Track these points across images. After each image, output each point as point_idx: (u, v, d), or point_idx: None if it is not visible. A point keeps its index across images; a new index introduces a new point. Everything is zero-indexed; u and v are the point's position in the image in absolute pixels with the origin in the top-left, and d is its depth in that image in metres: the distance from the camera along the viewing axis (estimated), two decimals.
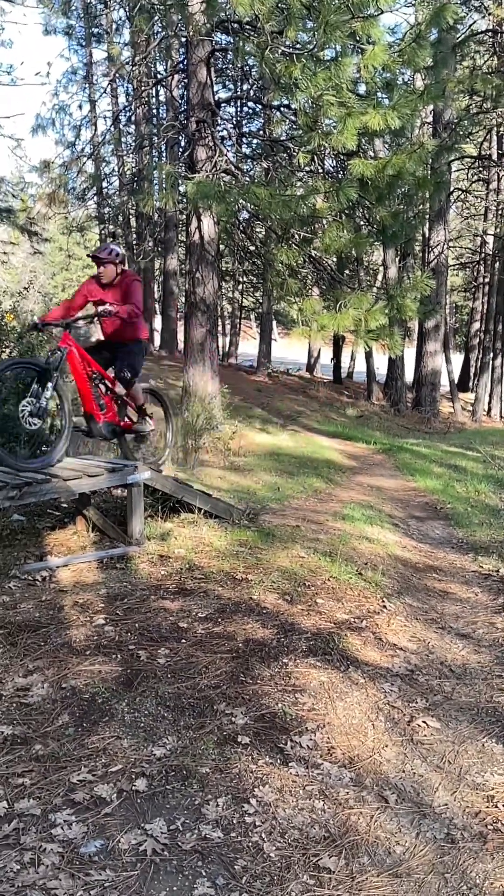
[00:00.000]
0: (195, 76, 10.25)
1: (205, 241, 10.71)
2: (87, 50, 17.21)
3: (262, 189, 9.12)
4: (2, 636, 3.89)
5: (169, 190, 10.14)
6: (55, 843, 2.38)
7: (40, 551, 5.39)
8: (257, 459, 10.40)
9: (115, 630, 4.08)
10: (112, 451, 8.23)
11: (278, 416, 15.23)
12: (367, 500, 8.33)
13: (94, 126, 15.76)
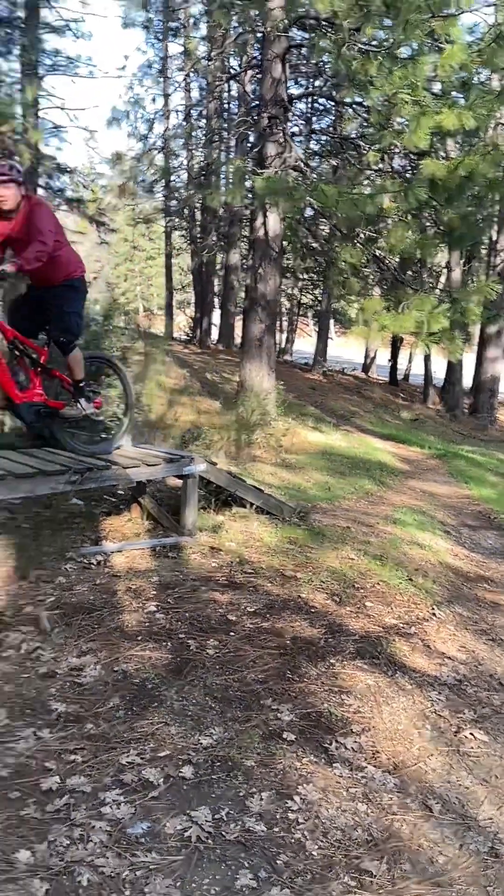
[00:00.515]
0: (269, 72, 10.26)
1: (269, 237, 10.73)
2: (164, 44, 17.40)
3: (330, 187, 9.09)
4: (58, 616, 4.00)
5: (237, 185, 10.18)
6: (104, 821, 2.45)
7: (96, 535, 5.51)
8: (309, 458, 10.39)
9: (165, 618, 4.15)
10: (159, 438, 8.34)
11: (332, 416, 15.16)
12: (419, 506, 8.24)
13: (167, 119, 15.94)
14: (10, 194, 4.29)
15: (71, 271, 4.62)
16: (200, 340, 20.89)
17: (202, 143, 16.89)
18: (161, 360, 14.14)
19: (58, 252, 4.47)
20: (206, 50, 13.81)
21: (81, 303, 4.82)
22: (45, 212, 4.43)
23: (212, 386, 14.57)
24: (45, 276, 4.52)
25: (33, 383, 4.70)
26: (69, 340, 4.70)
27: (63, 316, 4.64)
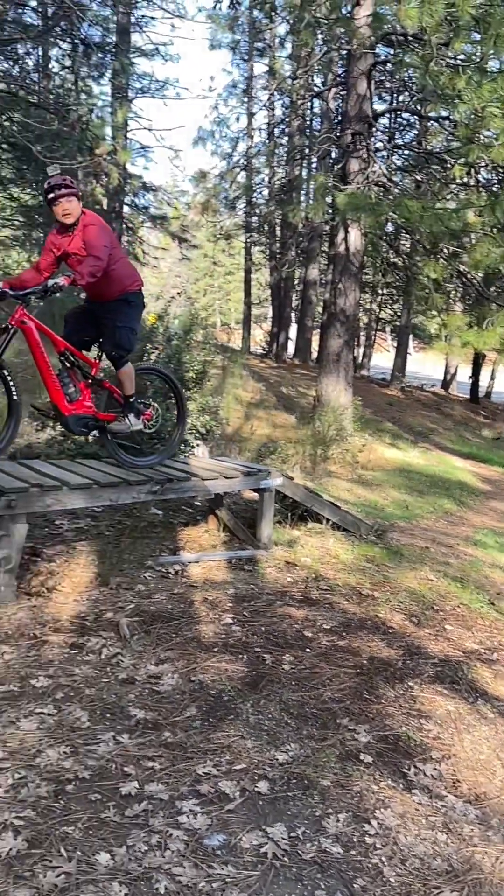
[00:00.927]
0: (354, 88, 10.28)
1: (350, 252, 10.71)
2: (249, 64, 17.72)
3: (414, 201, 9.01)
4: (137, 623, 4.07)
5: (319, 201, 10.22)
6: (181, 830, 2.47)
7: (174, 545, 5.59)
8: (386, 475, 10.25)
9: (241, 631, 4.17)
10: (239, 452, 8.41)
11: (409, 432, 14.91)
12: (500, 527, 7.99)
13: (250, 138, 16.18)
14: (72, 208, 4.28)
15: (127, 286, 4.59)
16: (277, 355, 20.99)
17: (284, 161, 17.06)
18: (238, 373, 14.29)
19: (112, 267, 4.43)
20: (290, 69, 13.98)
21: (136, 317, 4.76)
22: (101, 227, 4.39)
23: (287, 400, 14.60)
24: (99, 292, 4.50)
25: (83, 395, 4.66)
26: (120, 355, 4.65)
27: (116, 330, 4.59)
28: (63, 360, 4.59)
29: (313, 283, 20.70)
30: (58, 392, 4.50)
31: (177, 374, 7.25)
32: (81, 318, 4.72)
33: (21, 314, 4.21)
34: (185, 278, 36.11)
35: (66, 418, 4.57)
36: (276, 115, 18.16)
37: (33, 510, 4.42)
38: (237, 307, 35.90)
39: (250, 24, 15.85)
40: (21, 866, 2.22)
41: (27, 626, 3.94)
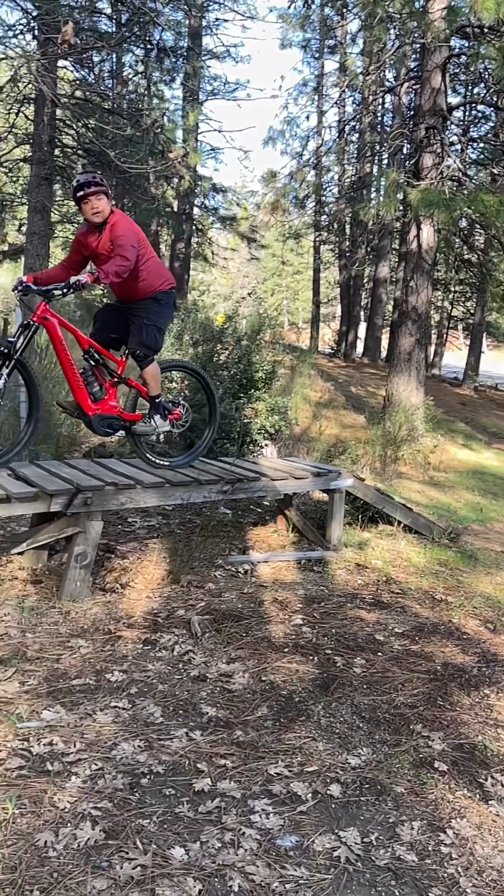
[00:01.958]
0: (428, 82, 10.09)
1: (422, 249, 10.52)
2: (320, 62, 17.66)
3: (490, 196, 8.78)
4: (208, 622, 4.12)
5: (391, 197, 10.08)
6: (253, 829, 2.48)
7: (243, 545, 5.62)
8: (458, 476, 10.03)
9: (312, 632, 4.15)
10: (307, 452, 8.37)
11: (483, 433, 14.54)
12: None
13: (320, 136, 16.11)
14: (102, 206, 4.17)
15: (157, 286, 4.47)
16: (345, 354, 20.82)
17: (355, 158, 16.90)
18: (306, 373, 14.25)
19: (141, 267, 4.32)
20: (362, 64, 13.83)
21: (165, 317, 4.61)
22: (129, 227, 4.26)
23: (356, 400, 14.46)
24: (129, 291, 4.43)
25: (108, 395, 4.54)
26: (146, 354, 4.52)
27: (143, 328, 4.46)
28: (87, 357, 4.46)
29: (383, 280, 20.44)
30: (81, 391, 4.40)
31: (246, 375, 7.30)
32: (111, 317, 4.64)
33: (43, 310, 4.13)
34: (253, 278, 36.25)
35: (90, 418, 4.45)
36: (346, 112, 18.01)
37: (108, 508, 4.53)
38: (305, 306, 35.80)
39: (322, 22, 15.77)
40: (98, 856, 2.28)
41: (102, 621, 4.04)
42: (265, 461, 6.13)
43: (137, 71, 15.43)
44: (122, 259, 4.12)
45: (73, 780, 2.63)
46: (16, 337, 4.09)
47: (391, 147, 12.63)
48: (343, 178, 17.84)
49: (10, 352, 4.05)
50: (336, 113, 18.75)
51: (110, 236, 4.21)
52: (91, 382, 4.43)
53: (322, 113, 17.67)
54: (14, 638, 3.68)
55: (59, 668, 3.45)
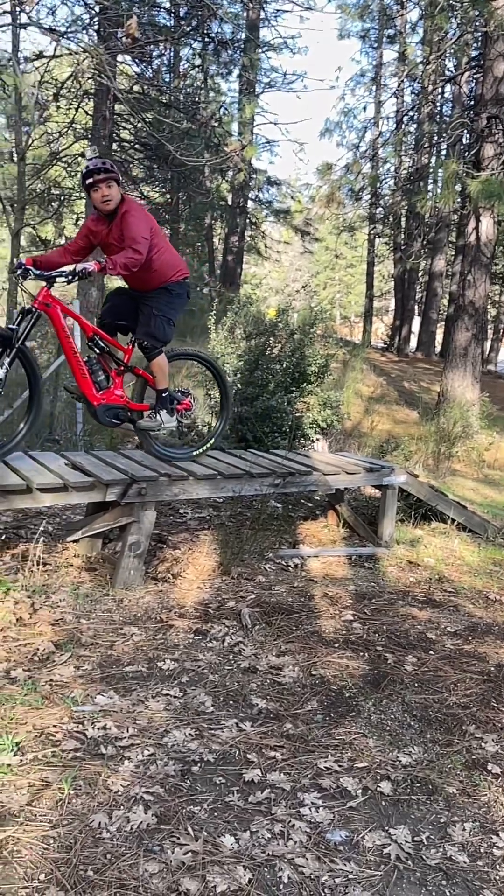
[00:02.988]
0: (490, 71, 9.85)
1: (481, 242, 10.30)
2: (378, 52, 17.40)
3: None
4: (258, 614, 4.13)
5: (449, 189, 9.88)
6: (303, 822, 2.48)
7: (293, 539, 5.62)
8: None
9: (362, 628, 4.13)
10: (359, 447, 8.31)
11: None
12: None
13: (377, 127, 15.90)
14: (113, 193, 4.02)
15: (170, 276, 4.31)
16: (398, 348, 20.55)
17: (412, 149, 16.63)
18: (359, 367, 14.13)
19: (153, 257, 4.16)
20: (422, 54, 13.58)
21: (176, 308, 4.43)
22: (141, 216, 4.08)
23: (409, 395, 14.28)
24: (140, 282, 4.30)
25: (114, 384, 4.39)
26: (153, 345, 4.35)
27: (152, 318, 4.30)
28: (92, 346, 4.32)
29: (439, 274, 20.09)
30: (85, 380, 4.24)
31: (298, 368, 7.27)
32: (122, 302, 4.47)
33: (45, 296, 3.96)
34: (305, 272, 36.08)
35: (95, 408, 4.31)
36: (405, 103, 17.73)
37: (162, 498, 4.58)
38: (358, 300, 35.47)
39: (381, 12, 15.55)
40: (151, 840, 2.32)
41: (154, 609, 4.09)
42: (317, 455, 6.11)
43: (194, 64, 15.50)
44: (133, 252, 3.97)
45: (126, 765, 2.68)
46: (17, 324, 3.91)
47: (450, 137, 12.38)
48: (400, 169, 17.59)
49: (12, 339, 3.86)
50: (394, 103, 18.49)
51: (121, 227, 4.04)
52: (96, 371, 4.30)
53: (380, 103, 17.44)
54: (69, 623, 3.76)
55: (113, 655, 3.52)
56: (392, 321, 23.23)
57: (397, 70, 16.08)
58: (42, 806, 2.43)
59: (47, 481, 4.04)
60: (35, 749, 2.71)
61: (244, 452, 5.67)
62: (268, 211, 19.16)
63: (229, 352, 7.27)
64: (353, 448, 8.50)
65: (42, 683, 3.16)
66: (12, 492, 3.93)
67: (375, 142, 14.14)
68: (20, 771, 2.58)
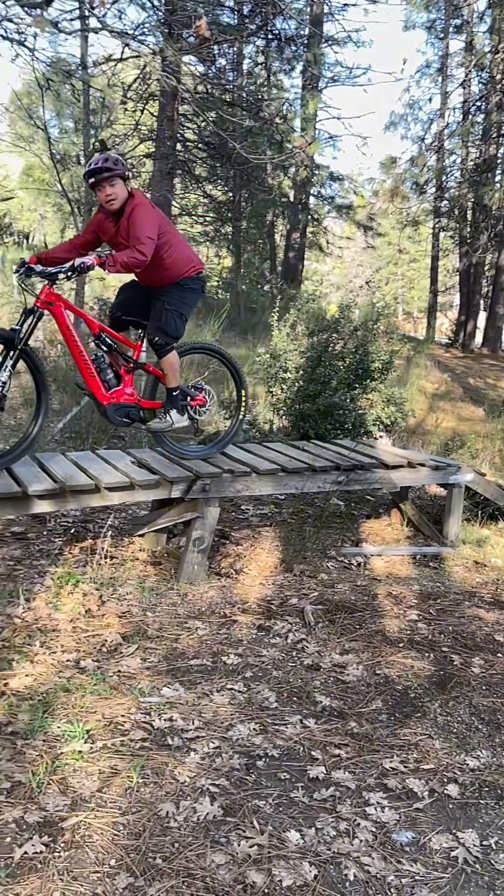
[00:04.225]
0: None
1: None
2: (445, 42, 17.03)
3: None
4: (321, 612, 4.13)
5: None
6: (368, 821, 2.47)
7: (356, 537, 5.58)
8: None
9: (427, 628, 4.07)
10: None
11: None
12: None
13: (443, 118, 15.57)
14: (117, 191, 3.85)
15: (182, 272, 4.16)
16: (464, 344, 20.11)
17: (479, 140, 16.23)
18: (422, 364, 13.91)
19: (164, 255, 4.02)
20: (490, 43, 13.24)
21: (189, 303, 4.27)
22: (149, 215, 3.90)
23: (475, 392, 13.96)
24: (152, 279, 4.16)
25: (124, 382, 4.23)
26: (164, 342, 4.18)
27: (163, 313, 4.14)
28: (99, 343, 4.16)
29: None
30: (93, 378, 4.09)
31: (362, 365, 7.21)
32: (134, 296, 4.32)
33: (48, 294, 3.82)
34: (367, 267, 35.69)
35: (105, 408, 4.16)
36: (472, 93, 17.31)
37: (225, 495, 4.62)
38: (421, 295, 34.89)
39: (447, 2, 15.22)
40: (217, 832, 2.35)
41: (218, 604, 4.14)
42: (381, 447, 6.04)
43: (257, 62, 15.52)
44: (137, 252, 3.80)
45: (192, 756, 2.72)
46: (20, 324, 3.78)
47: None
48: (466, 160, 17.19)
49: (15, 340, 3.74)
50: (461, 94, 18.06)
51: (128, 224, 3.90)
52: (104, 370, 4.13)
53: (446, 94, 17.05)
54: (136, 616, 3.84)
55: (178, 648, 3.58)
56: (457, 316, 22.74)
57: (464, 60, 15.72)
58: (112, 793, 2.49)
59: (115, 480, 4.13)
60: (104, 737, 2.78)
61: (307, 444, 5.67)
62: (330, 206, 19.03)
63: (291, 349, 7.26)
64: (416, 445, 8.36)
65: (110, 674, 3.24)
66: (83, 491, 4.04)
67: (441, 133, 13.86)
68: (91, 758, 2.66)
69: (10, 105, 13.37)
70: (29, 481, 3.89)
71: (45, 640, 3.46)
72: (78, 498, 4.07)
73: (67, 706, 2.95)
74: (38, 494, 3.87)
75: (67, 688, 3.08)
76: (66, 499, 4.02)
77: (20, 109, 12.50)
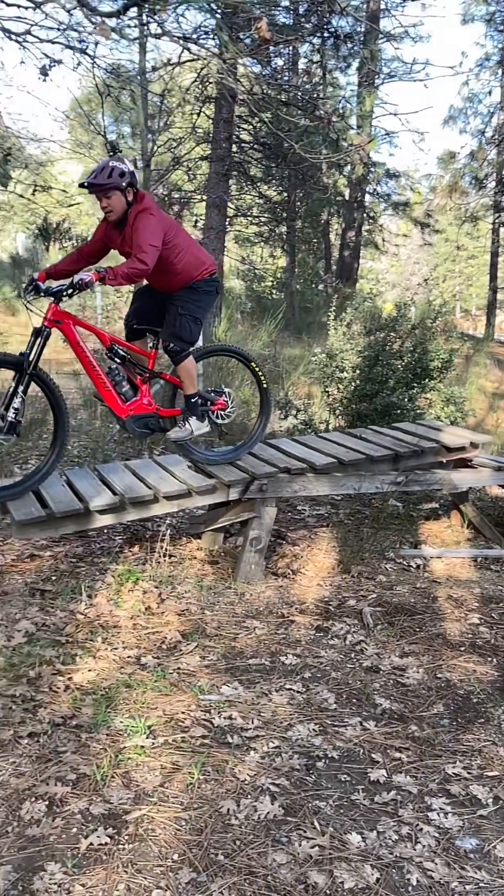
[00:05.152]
0: None
1: None
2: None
3: None
4: (380, 613, 4.09)
5: None
6: (431, 826, 2.44)
7: (414, 539, 5.51)
8: None
9: (490, 632, 3.99)
10: None
11: None
12: None
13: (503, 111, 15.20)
14: (114, 203, 3.75)
15: (195, 276, 4.05)
16: None
17: None
18: (482, 362, 13.63)
19: (174, 260, 3.93)
20: None
21: (203, 306, 4.16)
22: (151, 222, 3.75)
23: None
24: (165, 284, 4.08)
25: (141, 392, 4.15)
26: (180, 348, 4.08)
27: (176, 318, 4.05)
28: (112, 356, 4.07)
29: None
30: (108, 392, 4.02)
31: (420, 364, 7.11)
32: (148, 304, 4.23)
33: (54, 312, 3.73)
34: (423, 265, 35.15)
35: (123, 421, 4.09)
36: None
37: (282, 495, 4.63)
38: (479, 293, 34.16)
39: None
40: (278, 831, 2.36)
41: (275, 604, 4.15)
42: (444, 427, 5.92)
43: (313, 60, 15.46)
44: (138, 262, 3.67)
45: (252, 755, 2.73)
46: (28, 347, 3.70)
47: None
48: None
49: (24, 364, 3.66)
50: None
51: (131, 233, 3.80)
52: (119, 382, 4.05)
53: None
54: (194, 614, 3.88)
55: (236, 647, 3.60)
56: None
57: None
58: (173, 788, 2.52)
59: (172, 489, 4.19)
60: (165, 733, 2.82)
61: (364, 430, 5.61)
62: (386, 204, 18.80)
63: (348, 348, 7.22)
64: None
65: (170, 671, 3.28)
66: (142, 502, 4.12)
67: (502, 127, 13.53)
68: (152, 753, 2.70)
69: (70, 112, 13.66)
70: (90, 496, 3.99)
71: (106, 637, 3.53)
72: (138, 509, 4.15)
73: (129, 701, 3.01)
74: (99, 509, 3.96)
75: (129, 683, 3.13)
76: (126, 511, 4.10)
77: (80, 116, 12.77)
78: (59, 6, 4.40)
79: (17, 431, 3.72)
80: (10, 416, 3.64)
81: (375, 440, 5.24)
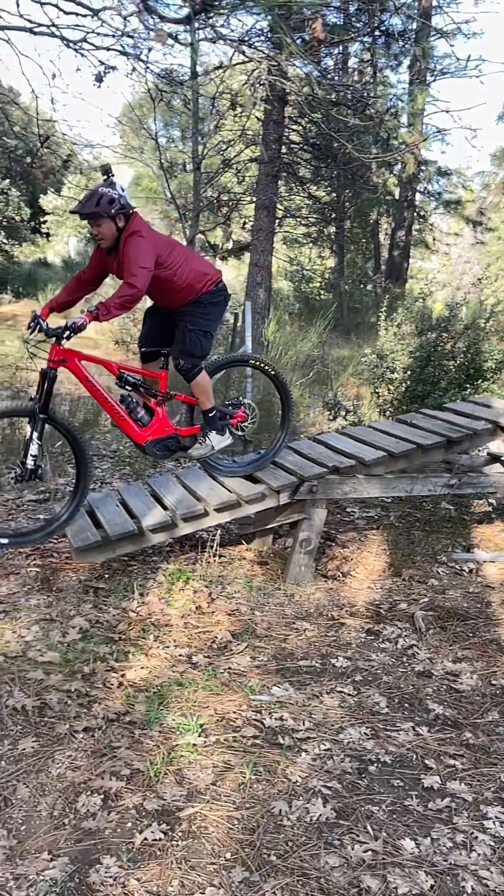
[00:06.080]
0: None
1: None
2: None
3: None
4: (432, 618, 4.03)
5: None
6: (486, 834, 2.40)
7: (467, 543, 5.41)
8: None
9: None
10: None
11: None
12: None
13: None
14: (104, 231, 3.72)
15: (199, 289, 3.99)
16: None
17: None
18: None
19: (175, 279, 3.89)
20: None
21: (212, 318, 4.10)
22: (140, 245, 3.70)
23: None
24: (169, 302, 4.05)
25: (156, 416, 4.13)
26: (191, 364, 4.02)
27: (185, 335, 4.00)
28: (122, 384, 4.07)
29: None
30: (124, 421, 4.02)
31: (473, 364, 6.99)
32: (157, 321, 4.22)
33: (57, 352, 3.72)
34: (475, 264, 34.52)
35: (143, 447, 4.10)
36: None
37: (332, 497, 4.60)
38: None
39: None
40: (330, 834, 2.35)
41: (325, 607, 4.13)
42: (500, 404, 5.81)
43: (363, 59, 15.36)
44: (128, 288, 3.63)
45: (304, 757, 2.73)
46: (37, 392, 3.73)
47: None
48: None
49: (35, 410, 3.71)
50: None
51: (123, 259, 3.76)
52: (134, 409, 4.03)
53: None
54: (244, 614, 3.89)
55: (286, 648, 3.60)
56: None
57: None
58: (225, 787, 2.54)
59: (222, 500, 4.23)
60: (217, 732, 2.84)
61: (415, 416, 5.53)
62: (437, 203, 18.56)
63: (398, 349, 7.15)
64: None
65: (221, 670, 3.30)
66: (195, 516, 4.17)
67: None
68: (204, 751, 2.72)
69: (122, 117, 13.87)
70: (142, 514, 4.07)
71: (158, 635, 3.57)
72: (190, 523, 4.20)
73: (181, 699, 3.04)
74: (151, 528, 4.04)
75: (181, 682, 3.16)
76: (178, 527, 4.16)
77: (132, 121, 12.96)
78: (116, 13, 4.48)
79: (39, 476, 3.84)
80: (29, 463, 3.74)
81: (426, 425, 5.15)
